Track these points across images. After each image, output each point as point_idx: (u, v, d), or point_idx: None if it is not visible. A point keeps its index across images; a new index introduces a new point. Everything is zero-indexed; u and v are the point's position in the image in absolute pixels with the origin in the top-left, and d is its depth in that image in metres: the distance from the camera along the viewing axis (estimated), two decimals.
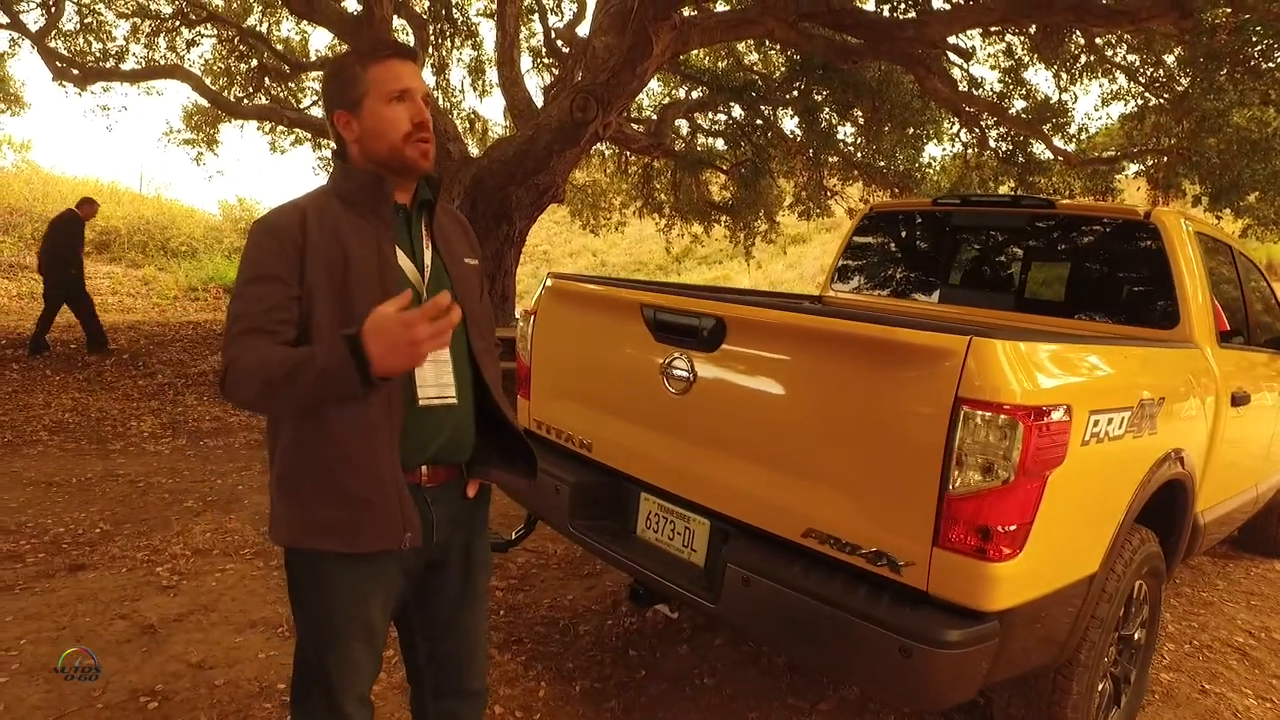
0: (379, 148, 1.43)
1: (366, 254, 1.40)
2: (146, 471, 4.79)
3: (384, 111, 1.42)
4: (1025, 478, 1.66)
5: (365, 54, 1.45)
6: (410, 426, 1.43)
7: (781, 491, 2.01)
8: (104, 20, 11.09)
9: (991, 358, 1.68)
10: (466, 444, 1.54)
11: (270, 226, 1.39)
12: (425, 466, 1.48)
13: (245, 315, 1.34)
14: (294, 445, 1.40)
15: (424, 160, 1.45)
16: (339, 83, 1.45)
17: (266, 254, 1.37)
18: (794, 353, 1.99)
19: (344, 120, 1.44)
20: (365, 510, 1.39)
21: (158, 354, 8.38)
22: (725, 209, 12.82)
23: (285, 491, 1.42)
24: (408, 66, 1.45)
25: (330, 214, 1.41)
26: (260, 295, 1.35)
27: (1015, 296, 3.38)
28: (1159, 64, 8.99)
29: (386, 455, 1.40)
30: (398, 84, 1.43)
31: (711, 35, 7.59)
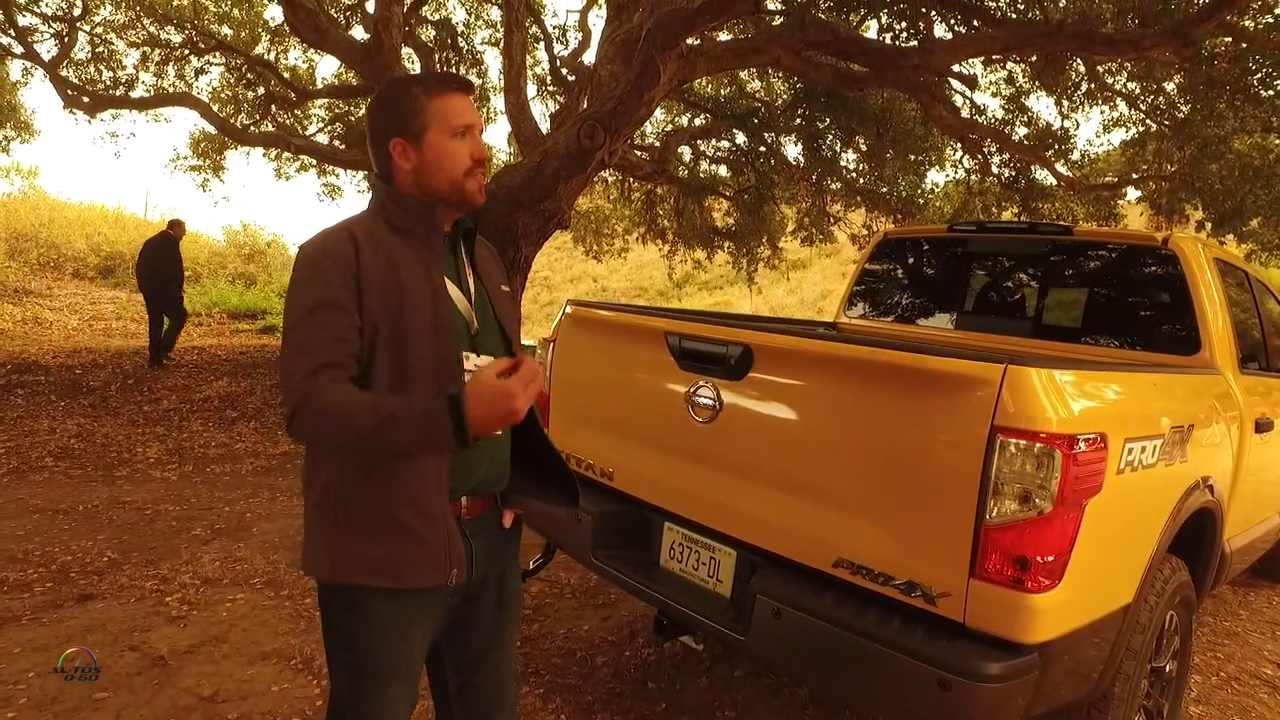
0: (438, 180, 1.42)
1: (418, 284, 1.38)
2: (153, 499, 4.75)
3: (447, 145, 1.41)
4: (1064, 507, 1.64)
5: (431, 84, 1.43)
6: (457, 457, 1.40)
7: (810, 521, 1.99)
8: (115, 49, 11.22)
9: (1027, 386, 1.66)
10: (505, 473, 1.52)
11: (327, 250, 1.34)
12: (465, 498, 1.45)
13: (312, 347, 1.28)
14: (338, 473, 1.36)
15: (481, 195, 1.45)
16: (399, 110, 1.42)
17: (327, 278, 1.31)
18: (823, 381, 1.98)
19: (401, 149, 1.42)
20: (414, 545, 1.36)
21: (162, 379, 8.36)
22: (728, 235, 12.88)
23: (326, 522, 1.37)
24: (469, 101, 1.46)
25: (382, 240, 1.38)
26: (326, 324, 1.29)
27: (1032, 323, 3.37)
28: (1159, 91, 9.07)
29: (436, 487, 1.37)
30: (461, 119, 1.42)
31: (718, 64, 7.67)
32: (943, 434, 1.75)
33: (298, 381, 1.26)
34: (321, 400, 1.25)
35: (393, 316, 1.34)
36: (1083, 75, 9.24)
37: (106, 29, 11.28)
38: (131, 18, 10.93)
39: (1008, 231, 3.58)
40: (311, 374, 1.26)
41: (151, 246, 9.33)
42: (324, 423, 1.26)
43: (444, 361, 1.37)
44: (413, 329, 1.34)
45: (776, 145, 11.92)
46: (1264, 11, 7.84)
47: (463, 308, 1.45)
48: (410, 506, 1.35)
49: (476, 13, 12.73)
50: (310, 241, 1.39)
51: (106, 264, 15.05)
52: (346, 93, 12.56)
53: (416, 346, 1.35)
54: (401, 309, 1.34)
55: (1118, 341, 3.10)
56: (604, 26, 8.83)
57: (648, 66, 6.71)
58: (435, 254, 1.43)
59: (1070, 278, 3.36)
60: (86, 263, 14.78)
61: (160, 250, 9.27)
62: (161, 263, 9.16)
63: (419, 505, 1.35)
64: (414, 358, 1.35)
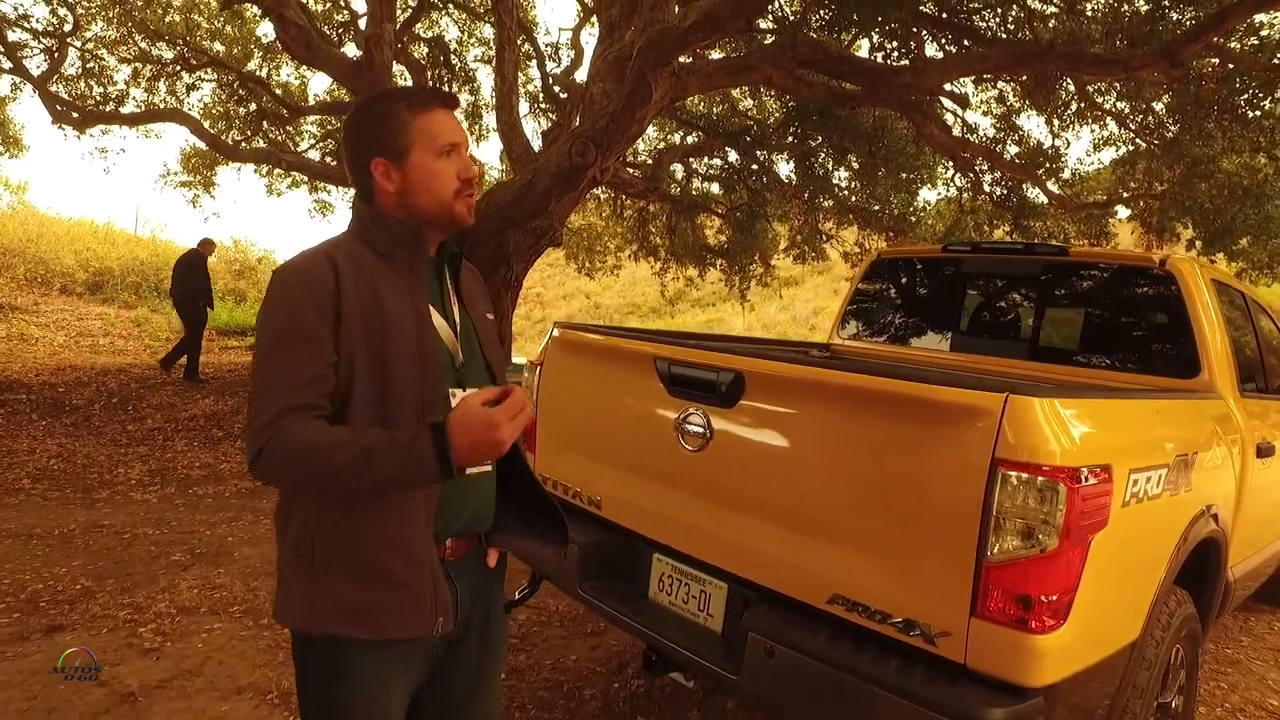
0: (425, 202, 1.33)
1: (402, 312, 1.29)
2: (133, 522, 4.64)
3: (433, 165, 1.33)
4: (1068, 543, 1.57)
5: (414, 100, 1.35)
6: (444, 498, 1.32)
7: (804, 555, 1.91)
8: (106, 65, 11.18)
9: (1029, 416, 1.60)
10: (491, 511, 1.44)
11: (303, 276, 1.24)
12: (450, 539, 1.37)
13: (281, 387, 1.18)
14: (316, 514, 1.27)
15: (470, 216, 1.37)
16: (380, 128, 1.33)
17: (302, 308, 1.21)
18: (818, 409, 1.91)
19: (383, 169, 1.33)
20: (397, 592, 1.26)
21: (147, 398, 8.24)
22: (721, 252, 12.87)
23: (301, 568, 1.27)
24: (454, 117, 1.37)
25: (364, 265, 1.29)
26: (298, 361, 1.20)
27: (1029, 345, 3.32)
28: (1148, 111, 9.13)
29: (423, 529, 1.28)
30: (447, 137, 1.34)
31: (710, 82, 7.66)
32: (941, 465, 1.69)
33: (263, 424, 1.17)
34: (288, 440, 1.16)
35: (374, 348, 1.25)
36: (1072, 94, 9.29)
37: (97, 45, 11.24)
38: (123, 34, 10.90)
39: (1003, 252, 3.54)
40: (278, 417, 1.17)
41: (182, 265, 9.65)
42: (292, 463, 1.17)
43: (429, 397, 1.29)
44: (396, 361, 1.26)
45: (769, 163, 11.94)
46: (1249, 34, 7.92)
47: (447, 339, 1.36)
48: (394, 551, 1.26)
49: (469, 30, 12.76)
50: (286, 265, 1.29)
51: (95, 280, 14.92)
52: (338, 109, 12.53)
53: (400, 380, 1.26)
54: (384, 340, 1.26)
55: (1115, 364, 3.05)
56: (596, 44, 8.83)
57: (640, 84, 6.69)
58: (420, 280, 1.34)
59: (1066, 299, 3.32)
60: (75, 278, 14.65)
61: (189, 268, 9.57)
62: (189, 280, 9.49)
63: (403, 549, 1.27)
64: (397, 392, 1.26)
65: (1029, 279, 3.39)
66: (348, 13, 11.76)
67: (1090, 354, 3.16)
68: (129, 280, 15.11)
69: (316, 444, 1.16)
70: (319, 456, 1.16)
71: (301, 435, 1.16)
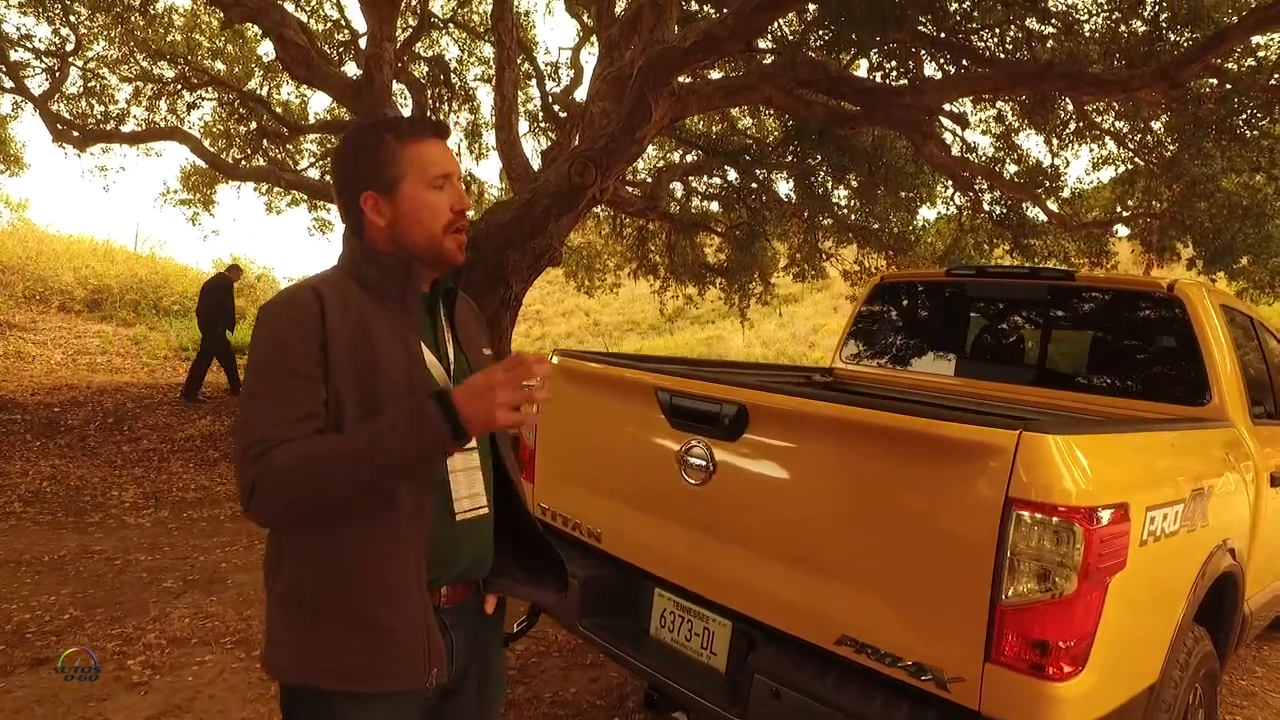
0: (416, 236, 1.28)
1: (393, 352, 1.24)
2: (125, 547, 4.56)
3: (425, 198, 1.28)
4: (1087, 586, 1.51)
5: (404, 130, 1.30)
6: (439, 544, 1.26)
7: (811, 594, 1.86)
8: (107, 84, 11.20)
9: (1044, 454, 1.54)
10: (488, 556, 1.38)
11: (292, 311, 1.19)
12: (445, 586, 1.31)
13: (271, 422, 1.13)
14: (304, 560, 1.21)
15: (461, 252, 1.32)
16: (369, 159, 1.29)
17: (289, 344, 1.17)
18: (824, 444, 1.86)
19: (373, 202, 1.28)
20: (388, 642, 1.21)
21: (144, 418, 8.18)
22: (720, 271, 12.85)
23: (289, 617, 1.22)
24: (445, 147, 1.32)
25: (353, 301, 1.24)
26: (288, 399, 1.15)
27: (1035, 371, 3.27)
28: (1146, 130, 9.14)
29: (414, 576, 1.23)
30: (439, 167, 1.29)
31: (710, 101, 7.66)
32: (953, 503, 1.63)
33: (251, 461, 1.12)
34: (280, 462, 1.10)
35: (363, 387, 1.20)
36: (1071, 114, 9.31)
37: (99, 64, 11.28)
38: (125, 53, 10.93)
39: (1008, 276, 3.50)
40: (270, 450, 1.12)
41: (208, 288, 9.91)
42: (291, 481, 1.11)
43: None
44: (385, 401, 1.21)
45: (768, 181, 11.96)
46: (1246, 54, 7.94)
47: (439, 378, 1.30)
48: (385, 600, 1.21)
49: (469, 50, 12.81)
50: (273, 301, 1.24)
51: (94, 297, 14.89)
52: (338, 128, 12.54)
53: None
54: (374, 378, 1.21)
55: (1123, 390, 3.00)
56: (595, 64, 8.86)
57: (639, 104, 6.69)
58: (411, 316, 1.29)
59: (1072, 324, 3.28)
60: (73, 296, 14.62)
61: (215, 291, 9.79)
62: (211, 303, 9.69)
63: (394, 598, 1.21)
64: None
65: (1034, 303, 3.35)
66: (348, 32, 11.81)
67: (1097, 380, 3.11)
68: (128, 298, 15.08)
69: (312, 453, 1.12)
70: (318, 464, 1.12)
71: (292, 452, 1.12)
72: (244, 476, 1.13)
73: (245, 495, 1.13)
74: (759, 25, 5.84)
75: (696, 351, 25.31)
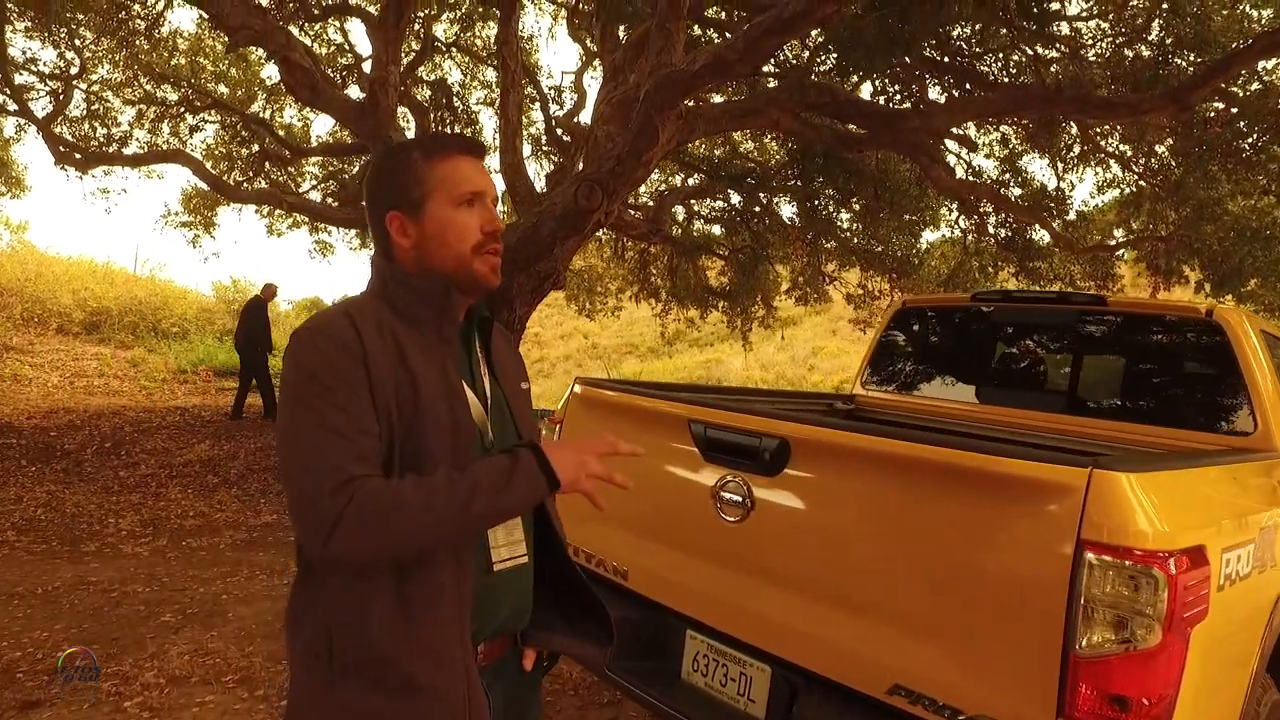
0: (443, 258, 1.19)
1: (432, 383, 1.14)
2: (122, 578, 4.42)
3: (452, 217, 1.19)
4: (1170, 638, 1.41)
5: (430, 147, 1.22)
6: (478, 598, 1.16)
7: (860, 638, 1.74)
8: (110, 107, 11.19)
9: (1117, 492, 1.45)
10: (528, 608, 1.28)
11: (326, 334, 1.10)
12: (484, 642, 1.21)
13: (347, 459, 1.03)
14: (335, 612, 1.11)
15: (493, 275, 1.22)
16: (396, 179, 1.21)
17: (340, 369, 1.07)
18: (874, 481, 1.76)
19: (399, 223, 1.20)
20: (426, 703, 1.10)
21: (142, 442, 8.05)
22: (723, 294, 12.80)
23: (318, 669, 1.11)
24: (477, 164, 1.23)
25: (386, 325, 1.15)
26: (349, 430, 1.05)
27: (1065, 398, 3.17)
28: (1151, 153, 9.14)
29: (456, 631, 1.12)
30: (468, 185, 1.20)
31: (717, 124, 7.64)
32: (1017, 545, 1.53)
33: (330, 496, 1.01)
34: (371, 502, 1.01)
35: (406, 418, 1.10)
36: (1075, 137, 9.31)
37: (103, 87, 11.27)
38: (129, 76, 10.93)
39: (1035, 301, 3.42)
40: (347, 483, 1.02)
41: (245, 310, 10.12)
42: (385, 524, 1.02)
43: None
44: (428, 439, 1.11)
45: (771, 205, 11.94)
46: (1252, 78, 7.96)
47: (476, 414, 1.21)
48: (422, 653, 1.10)
49: (472, 73, 12.84)
50: (307, 328, 1.14)
51: (92, 319, 14.78)
52: (340, 151, 12.55)
53: (432, 459, 1.11)
54: (415, 413, 1.11)
55: (1162, 419, 2.90)
56: (600, 88, 8.85)
57: (646, 127, 6.65)
58: (449, 345, 1.20)
59: (1106, 350, 3.19)
60: (72, 318, 14.52)
61: (250, 313, 9.97)
62: (249, 327, 9.87)
63: (433, 651, 1.10)
64: (428, 472, 1.11)
65: (1064, 329, 3.27)
66: (351, 56, 11.84)
67: (1134, 409, 3.01)
68: (126, 320, 14.98)
69: (402, 496, 1.03)
70: (411, 508, 1.03)
71: (379, 491, 1.03)
72: (322, 511, 1.02)
73: (324, 532, 1.01)
74: (769, 49, 5.82)
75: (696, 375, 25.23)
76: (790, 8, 5.33)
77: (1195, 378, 2.90)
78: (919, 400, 3.54)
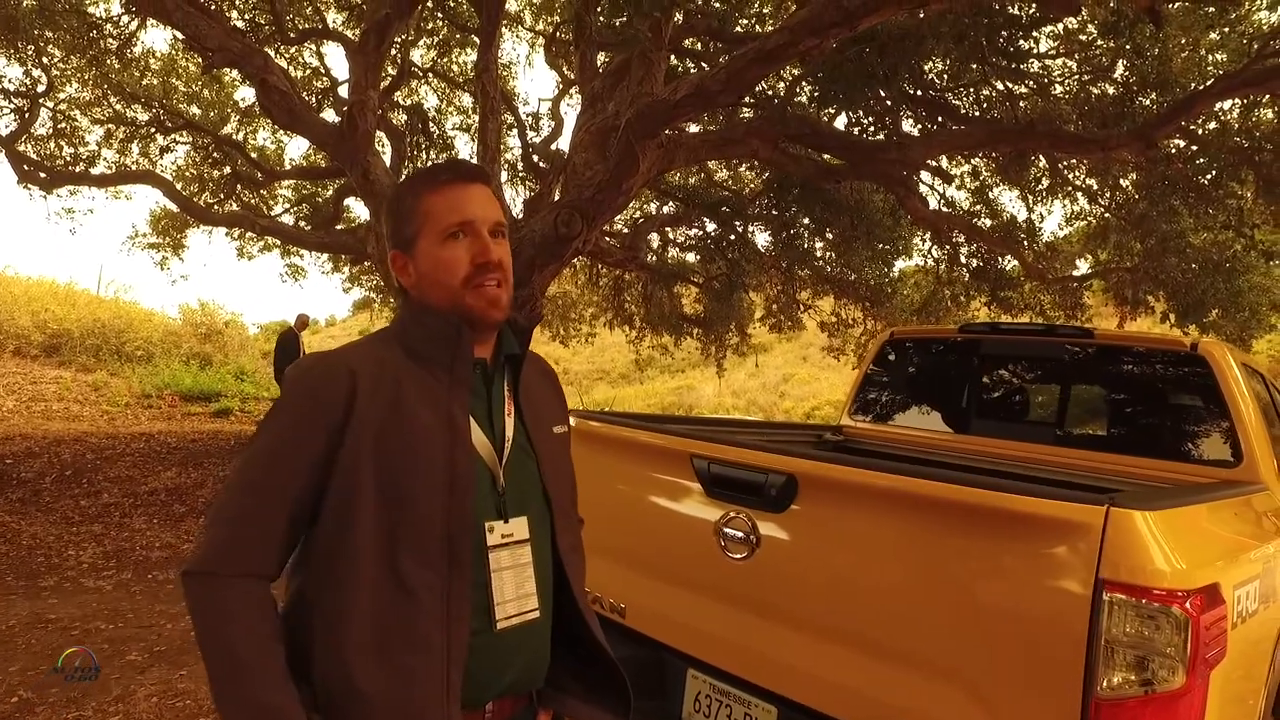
0: (438, 296, 1.16)
1: (432, 426, 1.10)
2: (83, 614, 4.24)
3: (439, 252, 1.15)
4: (1193, 680, 1.39)
5: (420, 180, 1.20)
6: (479, 655, 1.09)
7: (870, 679, 1.71)
8: (78, 126, 10.99)
9: (1134, 530, 1.43)
10: (543, 667, 1.22)
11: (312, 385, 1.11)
12: (491, 701, 1.14)
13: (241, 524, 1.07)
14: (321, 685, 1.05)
15: (492, 309, 1.16)
16: (394, 217, 1.20)
17: (297, 435, 1.09)
18: (883, 518, 1.73)
19: (400, 263, 1.19)
20: None
21: (104, 469, 7.78)
22: (698, 322, 12.84)
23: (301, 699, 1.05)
24: (470, 191, 1.18)
25: (388, 377, 1.11)
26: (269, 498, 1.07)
27: (1053, 430, 3.19)
28: (1116, 187, 9.40)
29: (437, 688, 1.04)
30: (455, 216, 1.15)
31: (697, 154, 7.70)
32: (1033, 585, 1.51)
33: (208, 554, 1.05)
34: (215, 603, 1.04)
35: (388, 470, 1.07)
36: (1044, 170, 9.55)
37: (70, 105, 11.06)
38: (98, 95, 10.75)
39: (1022, 334, 3.45)
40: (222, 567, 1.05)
41: (278, 341, 10.44)
42: (202, 620, 1.04)
43: (456, 531, 1.08)
44: (417, 488, 1.07)
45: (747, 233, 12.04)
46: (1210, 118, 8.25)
47: (486, 456, 1.16)
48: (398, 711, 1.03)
49: (448, 99, 12.85)
50: (300, 364, 1.13)
51: (52, 341, 14.37)
52: (314, 174, 12.44)
53: (421, 511, 1.07)
54: (402, 460, 1.07)
55: (1149, 451, 2.92)
56: (578, 115, 8.88)
57: (627, 155, 6.68)
58: (461, 385, 1.14)
59: (1091, 383, 3.22)
60: (30, 340, 14.10)
61: (281, 344, 10.26)
62: (279, 355, 10.10)
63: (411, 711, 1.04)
64: (415, 525, 1.07)
65: (1051, 361, 3.30)
66: (327, 79, 11.79)
67: (1120, 441, 3.04)
68: (88, 342, 14.58)
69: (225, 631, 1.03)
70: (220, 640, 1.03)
71: (211, 601, 1.04)
72: (195, 554, 1.06)
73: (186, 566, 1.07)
74: (752, 80, 5.88)
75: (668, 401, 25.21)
76: (773, 40, 5.41)
77: (1181, 410, 2.94)
78: (908, 431, 3.54)
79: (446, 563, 1.07)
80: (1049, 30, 7.64)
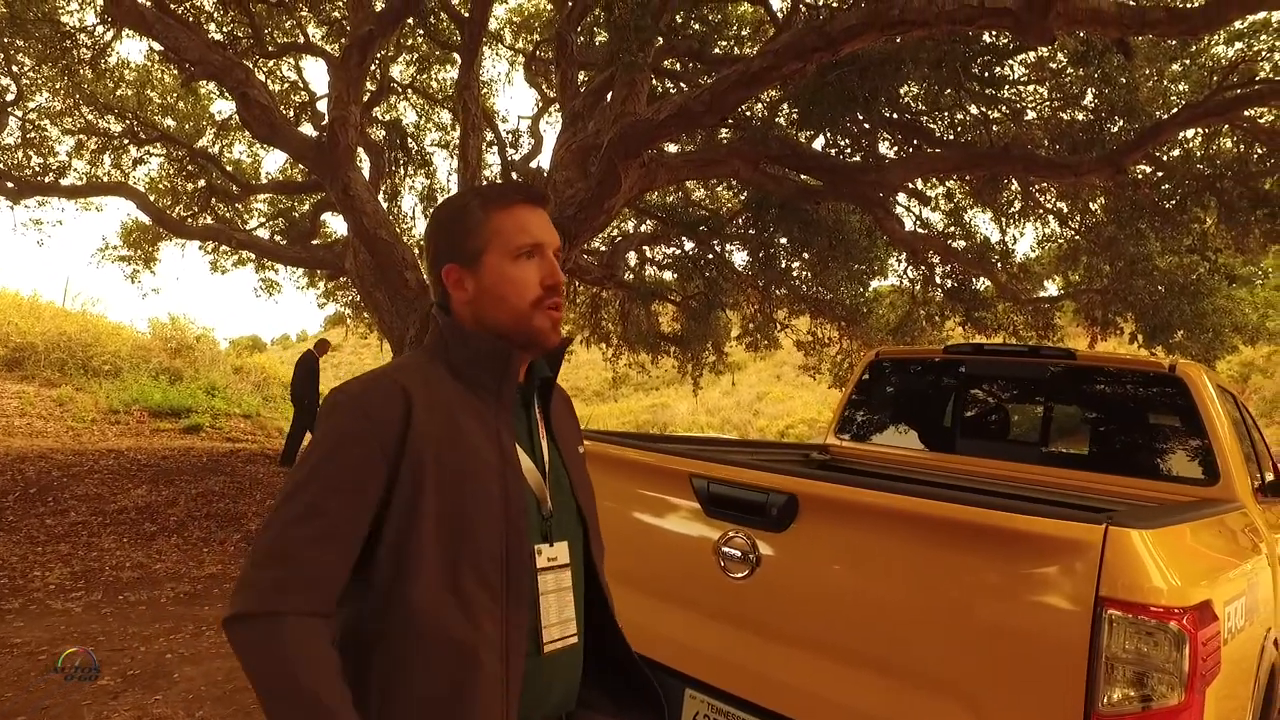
0: (500, 314, 1.15)
1: (485, 451, 1.09)
2: (51, 638, 4.11)
3: (510, 270, 1.15)
4: (1191, 696, 1.42)
5: (490, 197, 1.19)
6: (527, 681, 1.09)
7: (871, 698, 1.72)
8: (48, 136, 10.80)
9: (1131, 549, 1.47)
10: (575, 689, 1.21)
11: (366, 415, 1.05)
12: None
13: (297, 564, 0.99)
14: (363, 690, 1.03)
15: (554, 332, 1.17)
16: (453, 230, 1.18)
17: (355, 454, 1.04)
18: (885, 537, 1.75)
19: (455, 276, 1.16)
20: None
21: (71, 487, 7.59)
22: (675, 340, 12.88)
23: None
24: (540, 215, 1.19)
25: (440, 397, 1.09)
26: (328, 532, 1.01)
27: (1036, 450, 3.25)
28: (1086, 210, 9.64)
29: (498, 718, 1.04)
30: (527, 236, 1.16)
31: (678, 173, 7.77)
32: (1033, 603, 1.54)
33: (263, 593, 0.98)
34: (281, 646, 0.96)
35: (450, 496, 1.05)
36: (1017, 194, 9.78)
37: (41, 115, 10.88)
38: (69, 105, 10.58)
39: (1005, 355, 3.52)
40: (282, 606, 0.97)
41: (297, 363, 10.46)
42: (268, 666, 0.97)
43: (514, 556, 1.08)
44: (476, 512, 1.06)
45: (724, 252, 12.14)
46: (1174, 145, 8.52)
47: (534, 483, 1.15)
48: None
49: (427, 115, 12.84)
50: (346, 390, 1.08)
51: (14, 355, 14.00)
52: (291, 189, 12.34)
53: (480, 536, 1.06)
54: (462, 485, 1.06)
55: (1130, 470, 2.99)
56: (559, 134, 8.93)
57: (609, 174, 6.72)
58: (506, 410, 1.14)
59: (1073, 403, 3.29)
60: None
61: (302, 366, 10.29)
62: (299, 379, 10.20)
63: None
64: (474, 550, 1.05)
65: (1034, 382, 3.36)
66: (306, 94, 11.72)
67: (1101, 461, 3.10)
68: (53, 356, 14.23)
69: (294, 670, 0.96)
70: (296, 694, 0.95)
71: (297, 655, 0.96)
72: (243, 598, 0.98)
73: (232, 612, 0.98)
74: (735, 101, 5.96)
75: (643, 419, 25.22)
76: (757, 63, 5.50)
77: (1160, 430, 3.01)
78: (893, 450, 3.58)
79: (505, 593, 1.06)
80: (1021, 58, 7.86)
